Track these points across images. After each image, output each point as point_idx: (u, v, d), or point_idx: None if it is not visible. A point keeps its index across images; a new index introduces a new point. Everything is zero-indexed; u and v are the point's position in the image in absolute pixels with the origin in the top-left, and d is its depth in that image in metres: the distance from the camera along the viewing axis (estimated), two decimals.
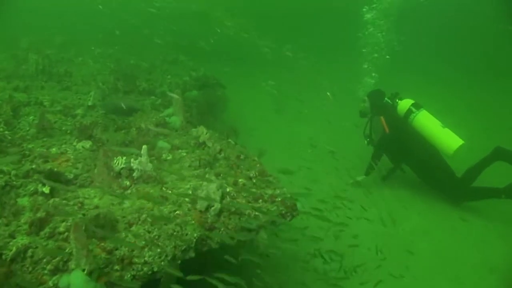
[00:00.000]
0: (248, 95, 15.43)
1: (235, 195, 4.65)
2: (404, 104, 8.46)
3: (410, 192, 8.69)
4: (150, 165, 4.92)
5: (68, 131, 5.89)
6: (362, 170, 8.84)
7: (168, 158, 5.47)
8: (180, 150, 5.74)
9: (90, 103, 7.11)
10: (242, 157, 6.00)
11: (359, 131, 9.44)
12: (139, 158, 4.82)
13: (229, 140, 6.61)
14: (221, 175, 5.14)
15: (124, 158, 4.84)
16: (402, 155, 8.40)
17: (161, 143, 5.65)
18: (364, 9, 11.68)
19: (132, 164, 4.78)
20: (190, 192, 4.60)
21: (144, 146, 4.86)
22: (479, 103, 14.31)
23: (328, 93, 11.88)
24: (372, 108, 8.83)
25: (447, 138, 7.84)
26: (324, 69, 19.17)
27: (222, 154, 5.82)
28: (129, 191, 4.65)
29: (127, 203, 4.38)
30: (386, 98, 8.82)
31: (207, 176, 4.42)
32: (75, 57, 11.39)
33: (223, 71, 15.02)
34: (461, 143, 7.75)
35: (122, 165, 4.77)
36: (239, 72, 18.33)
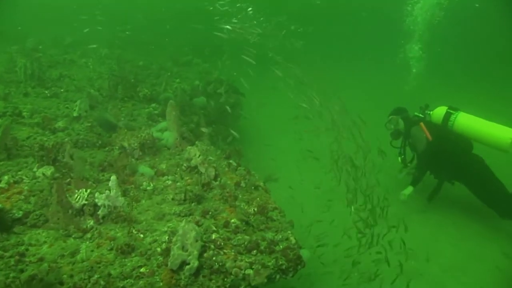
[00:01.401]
0: (267, 100, 14.44)
1: (222, 244, 3.62)
2: (439, 111, 7.53)
3: (440, 216, 7.55)
4: (121, 199, 3.96)
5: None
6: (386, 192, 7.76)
7: (149, 188, 4.49)
8: (165, 177, 4.75)
9: (75, 114, 6.21)
10: (242, 184, 4.98)
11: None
12: (107, 191, 3.86)
13: (230, 161, 5.61)
14: (210, 213, 4.12)
15: (88, 191, 3.88)
16: (447, 164, 7.28)
17: (143, 169, 4.67)
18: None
19: (96, 200, 3.82)
20: (166, 239, 3.62)
21: (113, 177, 3.89)
22: None
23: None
24: (405, 123, 7.85)
25: (498, 131, 6.88)
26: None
27: (218, 181, 4.82)
28: (89, 234, 3.68)
29: (82, 253, 3.43)
30: (415, 113, 7.92)
31: (185, 220, 3.42)
32: (79, 58, 10.58)
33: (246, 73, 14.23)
34: None
35: (84, 201, 3.81)
36: (262, 74, 17.47)
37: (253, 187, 5.04)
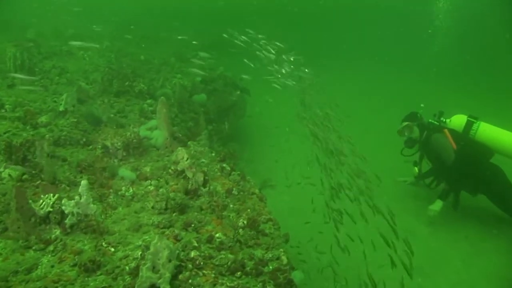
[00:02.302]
0: (276, 98, 13.97)
1: (201, 263, 3.15)
2: (459, 119, 7.12)
3: (452, 229, 7.04)
4: (93, 207, 3.51)
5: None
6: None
7: (128, 193, 4.03)
8: (148, 181, 4.29)
9: (61, 108, 5.79)
10: (234, 191, 4.51)
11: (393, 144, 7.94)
12: (76, 197, 3.42)
13: (224, 165, 5.14)
14: (193, 225, 3.66)
15: (56, 196, 3.43)
16: (471, 174, 6.80)
17: (123, 171, 4.22)
18: None
19: (63, 207, 3.37)
20: (139, 255, 3.16)
21: (84, 182, 3.44)
22: None
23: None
24: (422, 130, 7.36)
25: None
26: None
27: (207, 188, 4.35)
28: (51, 247, 3.23)
29: (40, 269, 2.98)
30: (430, 119, 7.43)
31: (159, 236, 2.97)
32: (78, 50, 10.17)
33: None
34: None
35: (49, 208, 3.36)
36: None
37: (246, 195, 4.59)
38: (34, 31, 11.64)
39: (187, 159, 4.38)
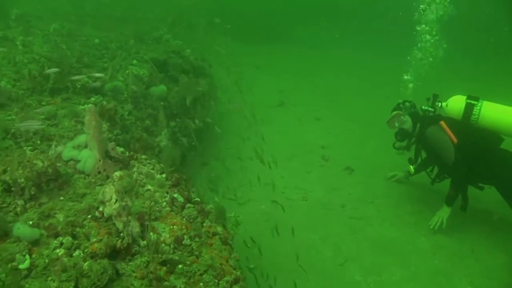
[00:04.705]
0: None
1: None
2: (456, 103, 5.97)
3: (455, 241, 6.08)
4: None
5: None
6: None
7: (23, 266, 2.74)
8: (59, 239, 2.99)
9: None
10: (186, 240, 3.29)
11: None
12: None
13: (175, 195, 3.88)
14: None
15: None
16: (477, 167, 5.80)
17: (19, 228, 2.89)
18: None
19: None
20: None
21: None
22: None
23: None
24: (415, 121, 6.31)
25: None
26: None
27: (145, 241, 3.11)
28: None
29: None
30: (423, 106, 6.36)
31: None
32: (18, 35, 8.63)
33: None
34: None
35: None
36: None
37: (204, 241, 3.39)
38: None
39: (116, 201, 3.10)
